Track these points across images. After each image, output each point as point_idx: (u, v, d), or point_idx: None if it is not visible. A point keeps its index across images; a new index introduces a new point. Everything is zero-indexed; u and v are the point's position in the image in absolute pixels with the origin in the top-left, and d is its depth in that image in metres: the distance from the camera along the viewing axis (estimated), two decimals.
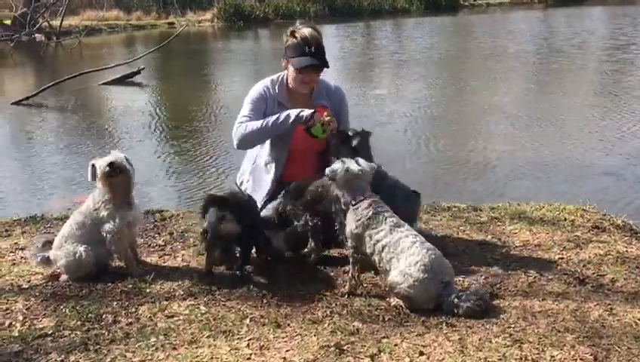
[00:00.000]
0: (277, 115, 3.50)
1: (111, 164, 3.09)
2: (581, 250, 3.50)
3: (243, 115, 3.64)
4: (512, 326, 2.62)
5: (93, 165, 3.15)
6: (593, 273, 3.18)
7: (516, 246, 3.60)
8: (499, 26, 26.63)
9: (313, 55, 3.51)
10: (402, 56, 16.66)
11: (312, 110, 3.47)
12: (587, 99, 10.00)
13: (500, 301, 2.86)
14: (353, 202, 2.94)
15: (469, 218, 4.15)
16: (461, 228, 3.96)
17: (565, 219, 4.05)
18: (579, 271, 3.19)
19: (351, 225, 2.94)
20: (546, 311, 2.74)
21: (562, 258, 3.40)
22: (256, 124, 3.53)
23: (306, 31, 3.54)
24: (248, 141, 3.61)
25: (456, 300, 2.71)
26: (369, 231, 2.88)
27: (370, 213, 2.89)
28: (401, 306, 2.80)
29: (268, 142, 3.68)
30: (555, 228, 3.87)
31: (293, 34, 3.57)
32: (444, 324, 2.64)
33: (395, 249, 2.81)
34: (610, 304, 2.82)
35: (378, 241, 2.85)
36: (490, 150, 7.05)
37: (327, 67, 3.62)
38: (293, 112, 3.49)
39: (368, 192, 2.97)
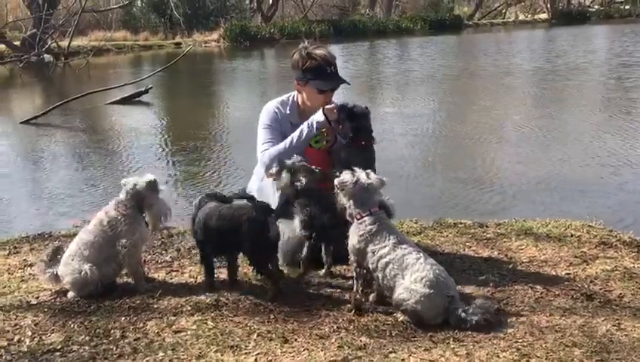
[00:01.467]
0: (300, 129, 3.52)
1: None
2: (588, 265, 3.49)
3: (263, 141, 3.63)
4: (520, 341, 2.61)
5: (155, 180, 3.24)
6: (600, 289, 3.17)
7: (522, 262, 3.60)
8: (504, 44, 26.84)
9: (334, 75, 3.56)
10: (410, 75, 16.78)
11: (320, 114, 3.47)
12: (596, 116, 10.01)
13: (507, 316, 2.86)
14: (358, 216, 2.94)
15: (475, 234, 4.16)
16: (467, 244, 3.97)
17: (572, 236, 4.05)
18: (586, 286, 3.19)
19: (353, 239, 2.94)
20: (553, 326, 2.73)
21: (569, 274, 3.39)
22: (281, 146, 3.54)
23: (323, 51, 3.57)
24: None
25: (463, 314, 2.72)
26: (371, 246, 2.88)
27: (375, 228, 2.89)
28: (408, 321, 2.80)
29: None
30: (562, 244, 3.87)
31: (310, 56, 3.57)
32: (451, 339, 2.63)
33: (399, 265, 2.81)
34: (618, 319, 2.81)
35: (381, 258, 2.85)
36: (498, 167, 7.06)
37: (349, 84, 3.68)
38: (305, 126, 3.52)
39: (375, 207, 2.96)
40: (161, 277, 3.47)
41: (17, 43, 22.96)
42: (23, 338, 2.75)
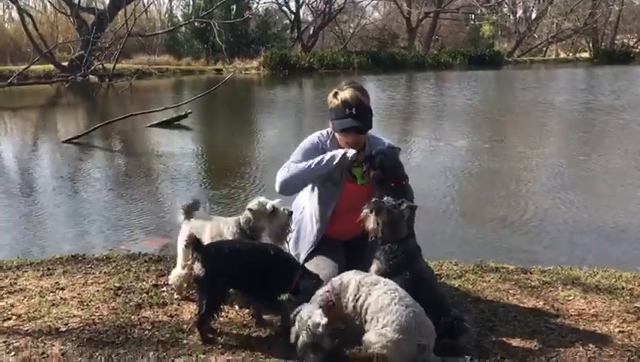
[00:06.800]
0: (321, 156, 3.45)
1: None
2: None
3: (291, 160, 3.59)
4: None
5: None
6: None
7: (571, 316, 3.39)
8: (545, 81, 26.49)
9: (354, 117, 3.45)
10: (448, 108, 16.63)
11: (356, 151, 3.43)
12: None
13: None
14: None
15: (518, 281, 3.97)
16: (511, 291, 3.78)
17: (623, 288, 3.83)
18: None
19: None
20: None
21: (623, 331, 3.17)
22: (299, 166, 3.48)
23: (347, 93, 3.49)
24: (290, 184, 3.51)
25: None
26: None
27: None
28: None
29: (316, 194, 3.62)
30: (612, 297, 3.66)
31: (335, 95, 3.54)
32: None
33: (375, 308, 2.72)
34: None
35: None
36: (538, 209, 6.79)
37: (369, 128, 3.56)
38: (338, 152, 3.44)
39: None
40: (191, 309, 3.38)
41: (65, 63, 23.69)
42: None
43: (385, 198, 3.17)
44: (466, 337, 2.92)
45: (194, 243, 3.02)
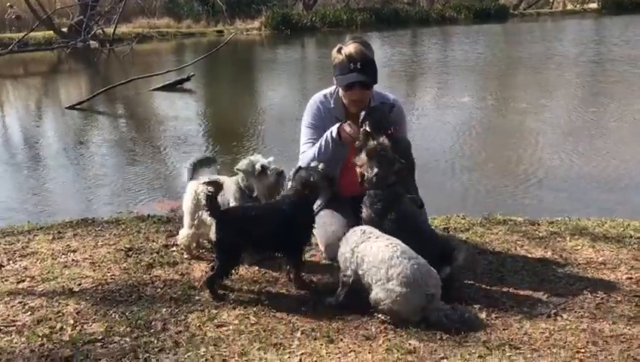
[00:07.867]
0: (319, 144, 3.44)
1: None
2: None
3: (304, 142, 3.58)
4: (582, 350, 2.44)
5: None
6: None
7: (579, 264, 3.41)
8: (552, 33, 25.99)
9: (359, 71, 3.40)
10: (454, 64, 16.36)
11: (335, 131, 3.37)
12: None
13: (567, 322, 2.69)
14: None
15: (526, 232, 3.97)
16: (519, 242, 3.79)
17: (631, 236, 3.84)
18: None
19: None
20: (618, 336, 2.55)
21: (631, 278, 3.19)
22: (310, 153, 3.48)
23: (351, 47, 3.44)
24: None
25: (444, 319, 2.63)
26: None
27: None
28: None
29: None
30: (621, 246, 3.66)
31: (339, 50, 3.48)
32: (507, 346, 2.48)
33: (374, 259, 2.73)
34: None
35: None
36: (546, 162, 6.76)
37: (375, 83, 3.50)
38: (328, 134, 3.41)
39: None
40: (202, 267, 3.41)
41: (65, 29, 23.40)
42: (65, 327, 2.73)
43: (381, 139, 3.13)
44: (458, 262, 2.92)
45: (212, 206, 3.00)
